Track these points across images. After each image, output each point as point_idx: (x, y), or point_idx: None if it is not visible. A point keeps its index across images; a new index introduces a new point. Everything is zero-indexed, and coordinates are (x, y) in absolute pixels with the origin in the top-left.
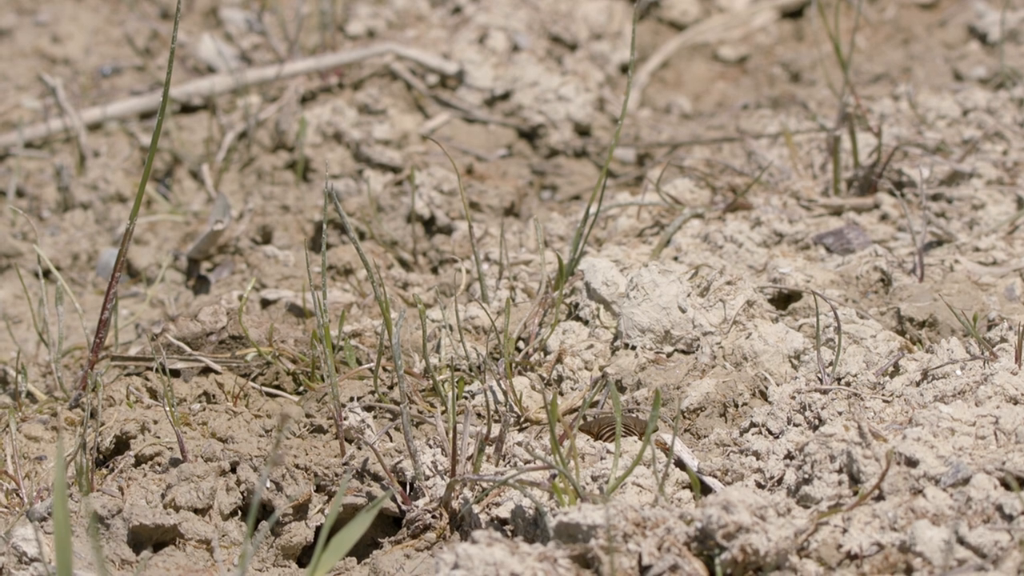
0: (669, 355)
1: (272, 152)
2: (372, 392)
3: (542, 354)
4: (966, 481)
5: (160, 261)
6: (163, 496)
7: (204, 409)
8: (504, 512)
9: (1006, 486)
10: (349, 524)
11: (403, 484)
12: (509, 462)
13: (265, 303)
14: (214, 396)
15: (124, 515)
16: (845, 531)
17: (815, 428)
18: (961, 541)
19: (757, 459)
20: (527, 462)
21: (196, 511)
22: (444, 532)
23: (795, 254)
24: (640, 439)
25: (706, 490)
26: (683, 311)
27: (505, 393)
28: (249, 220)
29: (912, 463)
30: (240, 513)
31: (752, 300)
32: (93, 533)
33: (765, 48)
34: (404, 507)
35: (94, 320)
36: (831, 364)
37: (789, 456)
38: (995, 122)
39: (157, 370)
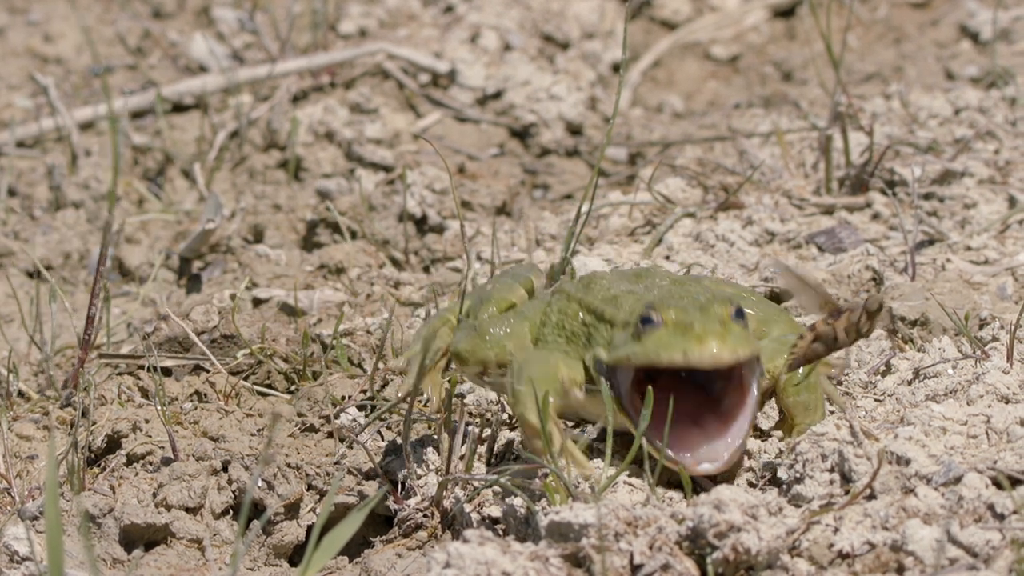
0: None
1: (264, 151)
2: (364, 391)
3: None
4: (958, 480)
5: (152, 260)
6: (155, 495)
7: (196, 408)
8: (496, 511)
9: (997, 485)
10: (341, 523)
11: (395, 483)
12: (501, 461)
13: (257, 302)
14: (206, 395)
15: (116, 514)
16: (837, 530)
17: None
18: (953, 540)
19: (748, 458)
20: (519, 461)
21: (187, 510)
22: (436, 531)
23: (787, 253)
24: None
25: (698, 489)
26: None
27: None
28: (241, 219)
29: (904, 462)
30: (232, 512)
31: None
32: (85, 532)
33: (757, 47)
34: (396, 506)
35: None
36: None
37: (781, 455)
38: (987, 121)
39: (149, 369)
